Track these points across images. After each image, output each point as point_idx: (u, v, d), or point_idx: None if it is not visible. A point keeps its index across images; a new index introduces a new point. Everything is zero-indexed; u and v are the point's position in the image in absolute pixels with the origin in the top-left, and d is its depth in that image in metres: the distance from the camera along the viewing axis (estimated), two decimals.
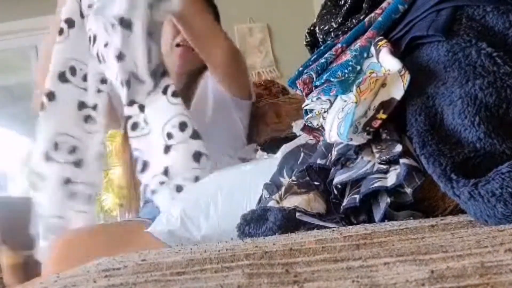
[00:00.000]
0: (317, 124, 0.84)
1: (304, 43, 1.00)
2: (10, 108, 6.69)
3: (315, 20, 0.98)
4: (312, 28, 0.98)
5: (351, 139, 0.67)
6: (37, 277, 1.15)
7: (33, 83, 3.81)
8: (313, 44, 0.98)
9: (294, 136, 1.01)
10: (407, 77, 0.65)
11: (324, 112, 0.79)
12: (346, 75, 0.73)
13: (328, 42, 0.88)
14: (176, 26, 1.27)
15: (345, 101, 0.74)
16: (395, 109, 0.66)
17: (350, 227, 0.63)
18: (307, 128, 0.87)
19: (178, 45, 1.32)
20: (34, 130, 1.21)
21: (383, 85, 0.67)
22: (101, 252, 0.58)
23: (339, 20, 0.87)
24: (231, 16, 1.61)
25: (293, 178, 0.82)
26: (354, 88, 0.68)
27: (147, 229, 0.99)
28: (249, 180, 0.97)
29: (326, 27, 0.90)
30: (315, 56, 0.87)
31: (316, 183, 0.76)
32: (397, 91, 0.65)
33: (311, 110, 0.83)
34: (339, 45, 0.82)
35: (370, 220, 0.67)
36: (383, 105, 0.66)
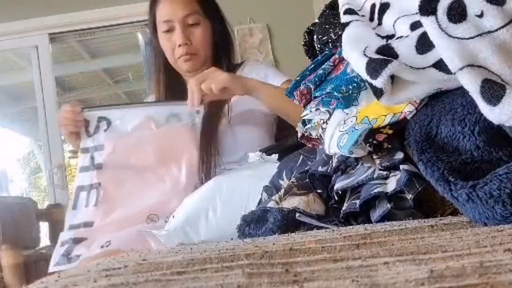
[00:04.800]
0: (316, 135, 0.84)
1: (302, 42, 1.00)
2: (10, 108, 6.69)
3: (314, 21, 0.98)
4: (311, 27, 0.98)
5: (352, 152, 0.67)
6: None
7: (33, 83, 3.81)
8: (310, 44, 0.98)
9: (294, 144, 1.02)
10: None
11: (323, 123, 0.79)
12: (350, 91, 0.74)
13: (326, 52, 0.89)
14: (172, 41, 1.37)
15: (346, 113, 0.74)
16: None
17: (350, 227, 0.63)
18: (306, 138, 0.87)
19: (180, 56, 1.39)
20: (34, 130, 1.22)
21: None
22: None
23: (338, 32, 0.87)
24: (231, 16, 1.61)
25: (293, 179, 0.82)
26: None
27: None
28: (248, 185, 0.97)
29: (325, 38, 0.90)
30: (312, 66, 0.87)
31: (319, 190, 0.76)
32: (409, 109, 0.65)
33: (310, 120, 0.83)
34: (336, 55, 0.82)
35: (370, 222, 0.67)
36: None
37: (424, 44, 0.61)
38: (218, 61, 1.44)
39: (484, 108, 0.52)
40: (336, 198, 0.71)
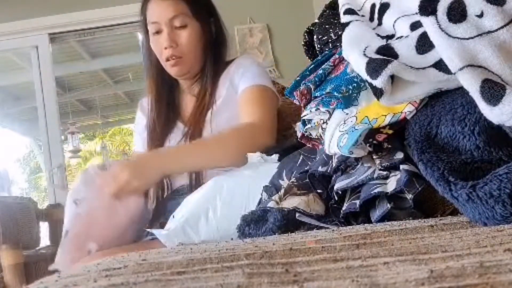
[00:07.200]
0: (316, 135, 0.84)
1: (302, 42, 1.00)
2: (10, 108, 6.69)
3: (314, 21, 0.98)
4: (311, 27, 0.99)
5: (352, 152, 0.67)
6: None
7: (33, 83, 3.81)
8: (310, 44, 0.98)
9: (294, 144, 1.02)
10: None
11: (323, 123, 0.79)
12: (350, 91, 0.74)
13: (326, 52, 0.89)
14: (159, 43, 1.38)
15: (346, 114, 0.74)
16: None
17: (350, 227, 0.63)
18: (306, 138, 0.87)
19: (167, 59, 1.39)
20: (34, 130, 1.21)
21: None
22: None
23: (338, 32, 0.87)
24: (231, 16, 1.61)
25: (293, 179, 0.82)
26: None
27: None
28: (248, 185, 0.97)
29: (325, 38, 0.90)
30: (312, 66, 0.87)
31: (319, 190, 0.76)
32: (409, 109, 0.65)
33: (310, 120, 0.83)
34: (336, 56, 0.82)
35: (370, 222, 0.67)
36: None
37: (424, 44, 0.61)
38: (209, 62, 1.44)
39: (484, 108, 0.52)
40: (336, 198, 0.71)
